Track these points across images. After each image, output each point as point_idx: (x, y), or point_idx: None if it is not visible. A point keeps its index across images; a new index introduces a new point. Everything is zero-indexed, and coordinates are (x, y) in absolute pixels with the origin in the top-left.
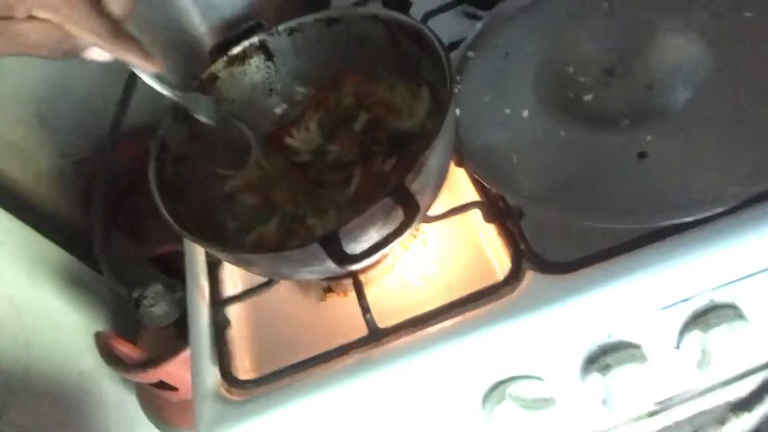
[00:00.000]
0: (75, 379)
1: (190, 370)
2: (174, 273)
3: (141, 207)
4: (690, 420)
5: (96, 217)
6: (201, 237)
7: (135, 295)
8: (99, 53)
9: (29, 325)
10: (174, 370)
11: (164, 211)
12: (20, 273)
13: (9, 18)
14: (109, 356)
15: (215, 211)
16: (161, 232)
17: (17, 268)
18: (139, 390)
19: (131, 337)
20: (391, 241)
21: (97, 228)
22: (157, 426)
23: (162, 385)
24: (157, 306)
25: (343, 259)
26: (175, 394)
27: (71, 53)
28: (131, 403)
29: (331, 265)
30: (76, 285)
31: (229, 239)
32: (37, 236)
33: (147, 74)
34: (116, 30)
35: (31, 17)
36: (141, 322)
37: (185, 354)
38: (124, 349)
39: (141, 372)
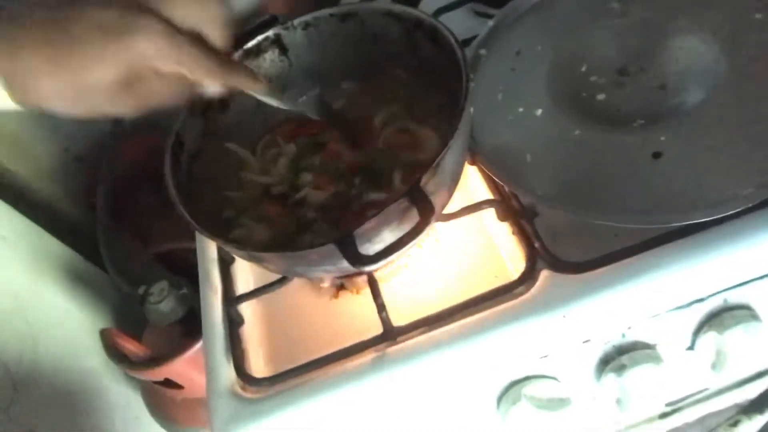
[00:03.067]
0: (80, 377)
1: (204, 368)
2: (178, 270)
3: (145, 203)
4: (700, 421)
5: (100, 214)
6: (216, 234)
7: (140, 292)
8: (214, 87)
9: (35, 322)
10: (180, 368)
11: (181, 208)
12: (25, 269)
13: (138, 78)
14: (115, 353)
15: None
16: (165, 229)
17: (22, 264)
18: (144, 387)
19: (135, 334)
20: (407, 243)
21: (100, 224)
22: (162, 424)
23: (167, 383)
24: (162, 303)
25: (359, 260)
26: (180, 392)
27: (192, 94)
28: (136, 400)
29: (345, 265)
30: (80, 281)
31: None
32: (40, 232)
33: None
34: (227, 63)
35: (156, 74)
36: (145, 319)
37: (191, 352)
38: (130, 346)
39: (147, 369)
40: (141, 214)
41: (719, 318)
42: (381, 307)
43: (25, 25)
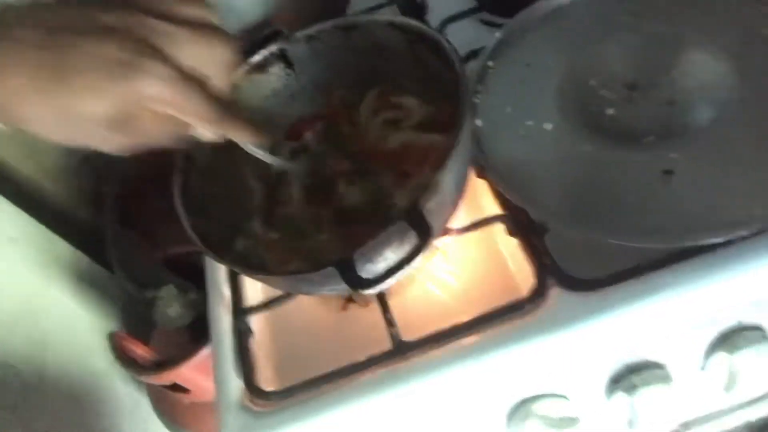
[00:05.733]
0: (88, 379)
1: (214, 380)
2: (187, 273)
3: (153, 206)
4: None
5: (108, 216)
6: (223, 253)
7: (148, 296)
8: (208, 134)
9: (45, 325)
10: (187, 373)
11: (189, 228)
12: (34, 271)
13: (132, 117)
14: (123, 357)
15: (239, 222)
16: (174, 232)
17: (31, 266)
18: (151, 391)
19: (142, 338)
20: (405, 266)
21: (109, 226)
22: (168, 427)
23: (174, 387)
24: (170, 308)
25: (358, 283)
26: (187, 396)
27: (184, 136)
28: (144, 404)
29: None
30: (89, 284)
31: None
32: (49, 234)
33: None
34: (227, 114)
35: (150, 113)
36: (153, 323)
37: (199, 357)
38: (137, 350)
39: (154, 374)
40: (149, 216)
41: (731, 339)
42: (390, 323)
43: (21, 45)
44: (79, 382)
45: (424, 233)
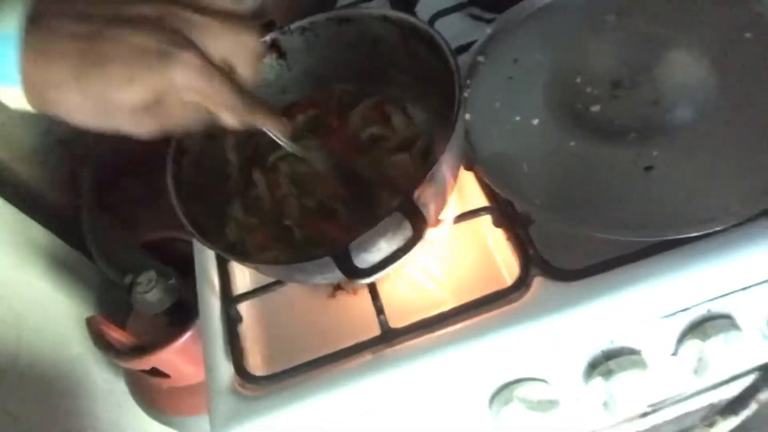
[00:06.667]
0: (64, 365)
1: (204, 365)
2: (166, 258)
3: (132, 190)
4: (677, 420)
5: (84, 199)
6: (216, 241)
7: (127, 281)
8: (232, 120)
9: (19, 309)
10: (168, 358)
11: (183, 218)
12: (7, 255)
13: (162, 104)
14: (101, 342)
15: (230, 209)
16: (153, 216)
17: (5, 250)
18: (128, 376)
19: (119, 321)
20: (401, 256)
21: (85, 210)
22: (147, 412)
23: (153, 372)
24: (150, 293)
25: (354, 272)
26: (166, 381)
27: (209, 121)
28: (120, 388)
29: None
30: (64, 269)
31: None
32: (23, 218)
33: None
34: (254, 103)
35: (179, 101)
36: (129, 305)
37: (180, 342)
38: (116, 335)
39: (135, 359)
40: (127, 200)
41: (702, 327)
42: (380, 310)
43: (58, 35)
44: (54, 365)
45: (419, 224)
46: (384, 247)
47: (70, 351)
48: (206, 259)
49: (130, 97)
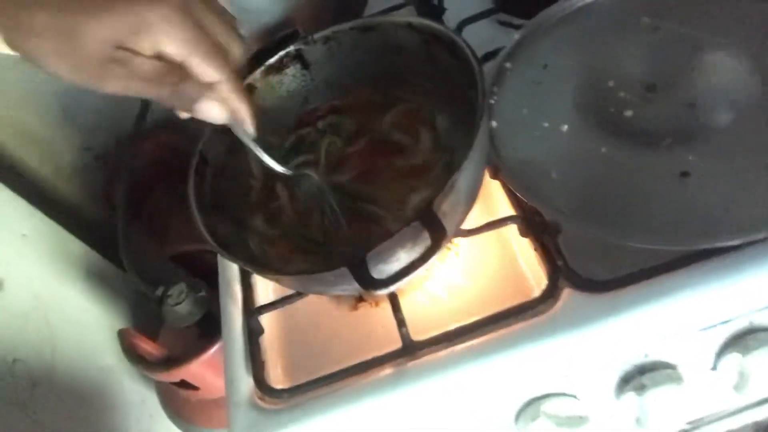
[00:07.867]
0: (96, 376)
1: (224, 377)
2: (196, 270)
3: (163, 204)
4: None
5: (119, 213)
6: (237, 253)
7: (158, 293)
8: (210, 108)
9: (54, 321)
10: (197, 370)
11: (203, 229)
12: (45, 268)
13: (135, 53)
14: (132, 354)
15: (252, 221)
16: (183, 230)
17: (42, 262)
18: (159, 388)
19: (150, 335)
20: (418, 267)
21: (119, 223)
22: (176, 424)
23: (183, 384)
24: (180, 305)
25: (371, 283)
26: (195, 394)
27: (185, 103)
28: (151, 400)
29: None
30: (98, 280)
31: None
32: (60, 230)
33: (254, 145)
34: (236, 75)
35: (156, 56)
36: (160, 317)
37: (208, 354)
38: (147, 347)
39: (164, 371)
40: (160, 214)
41: (743, 340)
42: (401, 322)
43: None
44: (87, 378)
45: (438, 234)
46: (403, 258)
47: (103, 362)
48: (229, 270)
49: (104, 30)
